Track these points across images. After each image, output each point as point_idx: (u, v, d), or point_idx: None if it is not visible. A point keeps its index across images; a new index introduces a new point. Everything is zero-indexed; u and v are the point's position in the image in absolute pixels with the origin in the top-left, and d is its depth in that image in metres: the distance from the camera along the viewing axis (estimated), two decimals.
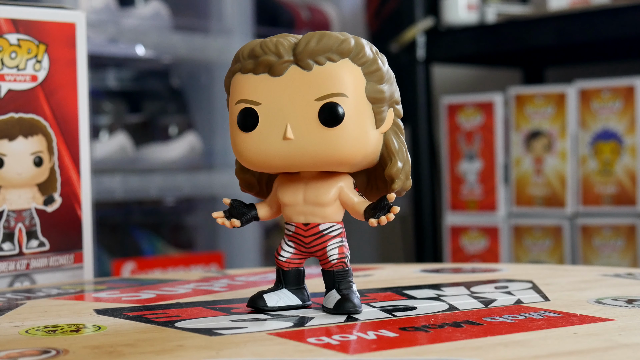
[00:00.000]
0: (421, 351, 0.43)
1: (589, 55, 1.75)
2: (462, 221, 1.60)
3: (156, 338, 0.46)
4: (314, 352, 0.43)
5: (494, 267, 0.76)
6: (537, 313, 0.52)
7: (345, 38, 0.51)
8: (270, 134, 0.51)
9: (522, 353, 0.42)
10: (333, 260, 0.53)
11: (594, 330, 0.47)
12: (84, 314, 0.54)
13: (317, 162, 0.51)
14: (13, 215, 0.73)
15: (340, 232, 0.53)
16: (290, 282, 0.54)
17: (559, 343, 0.44)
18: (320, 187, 0.52)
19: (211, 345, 0.44)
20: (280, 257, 0.54)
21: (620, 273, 0.69)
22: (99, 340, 0.46)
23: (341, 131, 0.50)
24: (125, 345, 0.44)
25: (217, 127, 1.78)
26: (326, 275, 0.53)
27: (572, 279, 0.68)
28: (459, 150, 1.60)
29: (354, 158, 0.51)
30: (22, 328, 0.50)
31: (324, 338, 0.45)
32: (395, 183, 0.52)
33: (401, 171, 0.53)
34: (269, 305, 0.53)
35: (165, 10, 1.71)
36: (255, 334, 0.47)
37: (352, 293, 0.53)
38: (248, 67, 0.52)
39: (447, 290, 0.62)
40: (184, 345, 0.44)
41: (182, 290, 0.64)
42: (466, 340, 0.45)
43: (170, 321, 0.51)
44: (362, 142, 0.51)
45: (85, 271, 0.77)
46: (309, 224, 0.53)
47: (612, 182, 1.46)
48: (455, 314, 0.52)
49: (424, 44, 1.64)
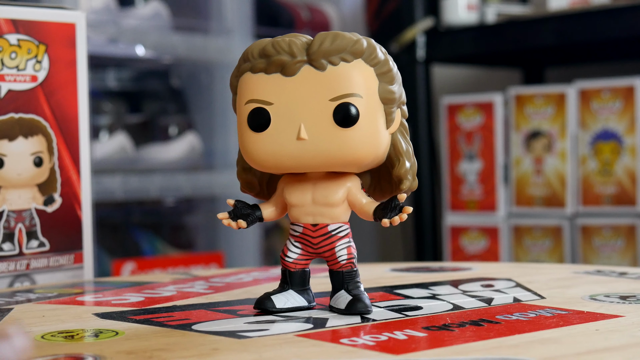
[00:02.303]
0: (465, 350, 0.43)
1: (589, 55, 1.75)
2: (462, 221, 1.60)
3: (184, 342, 0.46)
4: (358, 354, 0.42)
5: (461, 265, 0.76)
6: (544, 311, 0.53)
7: (358, 39, 0.51)
8: (283, 135, 0.51)
9: (562, 350, 0.43)
10: (342, 260, 0.52)
11: (612, 327, 0.48)
12: (86, 318, 0.54)
13: (330, 162, 0.51)
14: (13, 215, 0.73)
15: (347, 232, 0.53)
16: (296, 283, 0.54)
17: (589, 340, 0.45)
18: (329, 187, 0.52)
19: (247, 347, 0.44)
20: (287, 258, 0.54)
21: (590, 270, 0.71)
22: (127, 346, 0.45)
23: (356, 132, 0.50)
24: (159, 349, 0.44)
25: (217, 127, 1.78)
26: (334, 275, 0.53)
27: (548, 276, 0.68)
28: (459, 150, 1.60)
29: (367, 158, 0.51)
30: (33, 334, 0.49)
31: (356, 339, 0.45)
32: (404, 183, 0.53)
33: (409, 172, 0.53)
34: (277, 307, 0.53)
35: (165, 11, 1.71)
36: (281, 335, 0.47)
37: (362, 293, 0.52)
38: (259, 67, 0.52)
39: (436, 289, 0.62)
40: (219, 348, 0.44)
41: (167, 293, 0.63)
42: (498, 338, 0.45)
43: (185, 324, 0.50)
44: (375, 142, 0.51)
45: (85, 271, 0.77)
46: (317, 225, 0.52)
47: (612, 182, 1.46)
48: (464, 313, 0.52)
49: (424, 44, 1.64)
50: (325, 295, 0.57)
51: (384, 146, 0.52)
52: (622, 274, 0.68)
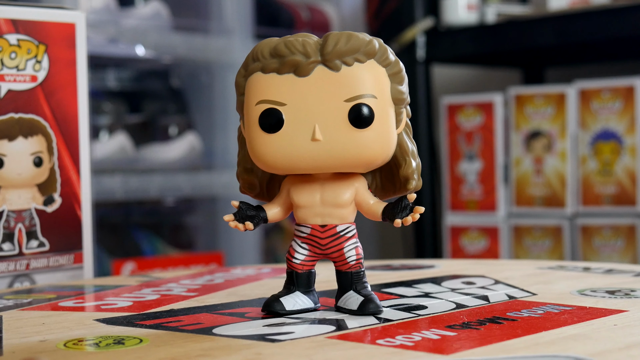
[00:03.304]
0: (508, 348, 0.43)
1: (589, 55, 1.75)
2: (462, 221, 1.60)
3: (218, 347, 0.44)
4: (405, 355, 0.42)
5: (422, 263, 0.76)
6: (548, 307, 0.53)
7: (370, 39, 0.51)
8: (297, 135, 0.50)
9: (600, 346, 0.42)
10: (351, 261, 0.52)
11: (626, 322, 0.48)
12: (90, 325, 0.51)
13: (344, 163, 0.51)
14: (13, 215, 0.73)
15: (354, 233, 0.53)
16: (303, 284, 0.53)
17: (616, 335, 0.45)
18: (338, 188, 0.52)
19: (289, 351, 0.43)
20: (294, 259, 0.53)
21: (552, 266, 0.71)
22: (162, 354, 0.43)
23: (371, 132, 0.50)
24: (198, 356, 0.42)
25: (217, 127, 1.78)
26: (342, 276, 0.53)
27: (517, 272, 0.68)
28: (459, 150, 1.60)
29: (379, 158, 0.51)
30: (51, 342, 0.46)
31: (391, 339, 0.45)
32: (410, 183, 0.52)
33: (415, 171, 0.53)
34: (287, 309, 0.52)
35: (165, 11, 1.71)
36: (312, 338, 0.46)
37: (371, 294, 0.52)
38: (271, 67, 0.51)
39: (422, 287, 0.62)
40: (262, 353, 0.43)
41: (151, 297, 0.61)
42: (528, 336, 0.45)
43: (202, 329, 0.49)
44: (387, 142, 0.51)
45: (85, 271, 0.77)
46: (326, 226, 0.52)
47: (612, 182, 1.46)
48: (473, 311, 0.52)
49: (424, 44, 1.64)
50: (322, 295, 0.57)
51: (394, 146, 0.52)
52: (587, 269, 0.69)
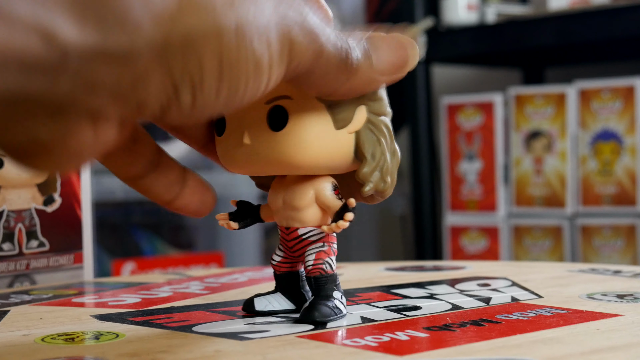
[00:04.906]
0: (468, 350, 0.43)
1: (589, 55, 1.75)
2: (462, 221, 1.60)
3: (186, 344, 0.45)
4: (362, 355, 0.42)
5: (456, 264, 0.76)
6: (543, 310, 0.53)
7: None
8: (232, 139, 0.49)
9: (565, 350, 0.43)
10: (309, 266, 0.50)
11: (613, 326, 0.48)
12: (84, 320, 0.54)
13: (272, 167, 0.49)
14: (13, 215, 0.73)
15: (321, 236, 0.51)
16: (283, 286, 0.53)
17: (591, 339, 0.45)
18: (297, 190, 0.51)
19: (250, 349, 0.43)
20: (272, 260, 0.53)
21: (584, 269, 0.71)
22: (129, 348, 0.44)
23: (287, 135, 0.48)
24: (160, 352, 0.43)
25: None
26: (308, 281, 0.52)
27: (543, 275, 0.68)
28: (459, 150, 1.60)
29: (306, 162, 0.48)
30: (32, 336, 0.48)
31: (358, 340, 0.45)
32: (366, 185, 0.48)
33: (372, 174, 0.49)
34: (257, 309, 0.52)
35: None
36: (283, 337, 0.46)
37: (325, 301, 0.50)
38: None
39: (434, 288, 0.62)
40: (222, 350, 0.43)
41: (163, 294, 0.63)
42: (500, 338, 0.45)
43: (185, 326, 0.50)
44: (314, 145, 0.48)
45: (85, 271, 0.77)
46: (289, 228, 0.52)
47: (612, 182, 1.46)
48: (464, 313, 0.52)
49: (424, 44, 1.64)
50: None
51: (330, 148, 0.49)
52: (617, 272, 0.69)
